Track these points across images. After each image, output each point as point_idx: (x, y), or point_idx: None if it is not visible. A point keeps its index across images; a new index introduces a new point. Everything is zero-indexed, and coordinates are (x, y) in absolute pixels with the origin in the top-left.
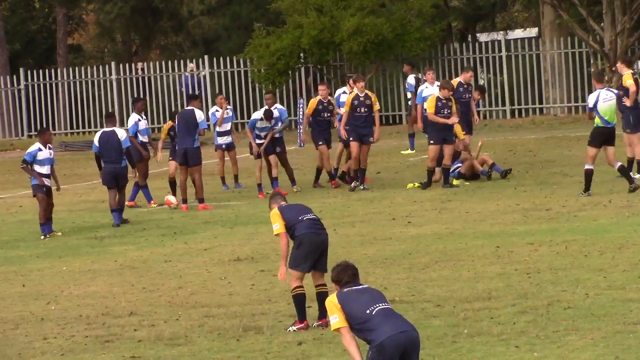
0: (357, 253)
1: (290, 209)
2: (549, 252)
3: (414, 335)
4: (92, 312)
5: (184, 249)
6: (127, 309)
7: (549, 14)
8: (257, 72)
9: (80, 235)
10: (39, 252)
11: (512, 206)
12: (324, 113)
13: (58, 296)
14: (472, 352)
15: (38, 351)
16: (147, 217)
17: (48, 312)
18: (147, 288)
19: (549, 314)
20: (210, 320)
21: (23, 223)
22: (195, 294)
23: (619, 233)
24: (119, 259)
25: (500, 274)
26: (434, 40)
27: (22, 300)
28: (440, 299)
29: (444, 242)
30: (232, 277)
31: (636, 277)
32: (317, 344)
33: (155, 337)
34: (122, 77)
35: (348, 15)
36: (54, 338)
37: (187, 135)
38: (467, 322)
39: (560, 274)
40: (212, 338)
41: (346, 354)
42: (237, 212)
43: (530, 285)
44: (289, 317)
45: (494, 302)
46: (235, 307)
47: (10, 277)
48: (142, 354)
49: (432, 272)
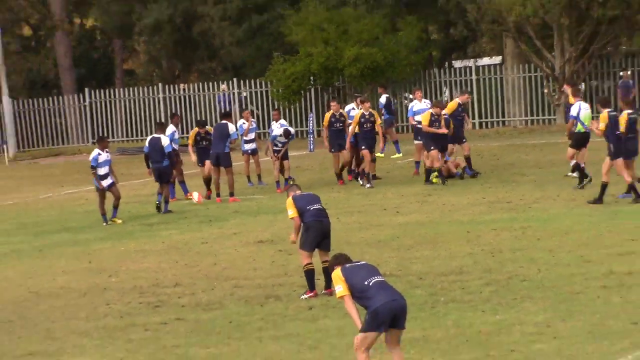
0: (355, 237)
1: (302, 198)
2: (509, 236)
3: (403, 303)
4: (144, 283)
5: (217, 233)
6: (173, 281)
7: (511, 45)
8: (275, 91)
9: (135, 222)
10: (101, 235)
11: (480, 199)
12: (336, 124)
13: (117, 270)
14: (447, 316)
15: (102, 314)
16: (187, 208)
17: (109, 283)
18: (188, 264)
19: (508, 285)
20: (239, 290)
21: (88, 213)
22: (227, 269)
23: (565, 221)
24: (165, 241)
25: (469, 253)
26: (418, 66)
27: (88, 274)
28: (421, 274)
29: (425, 228)
30: (256, 255)
31: (578, 256)
32: (323, 308)
33: (195, 303)
34: (167, 95)
35: (349, 46)
36: (114, 304)
37: (219, 142)
38: (443, 292)
39: (518, 253)
40: (240, 304)
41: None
42: (260, 204)
43: (493, 262)
44: (301, 287)
45: (464, 276)
46: (259, 280)
47: (79, 255)
48: (184, 317)
49: (416, 252)
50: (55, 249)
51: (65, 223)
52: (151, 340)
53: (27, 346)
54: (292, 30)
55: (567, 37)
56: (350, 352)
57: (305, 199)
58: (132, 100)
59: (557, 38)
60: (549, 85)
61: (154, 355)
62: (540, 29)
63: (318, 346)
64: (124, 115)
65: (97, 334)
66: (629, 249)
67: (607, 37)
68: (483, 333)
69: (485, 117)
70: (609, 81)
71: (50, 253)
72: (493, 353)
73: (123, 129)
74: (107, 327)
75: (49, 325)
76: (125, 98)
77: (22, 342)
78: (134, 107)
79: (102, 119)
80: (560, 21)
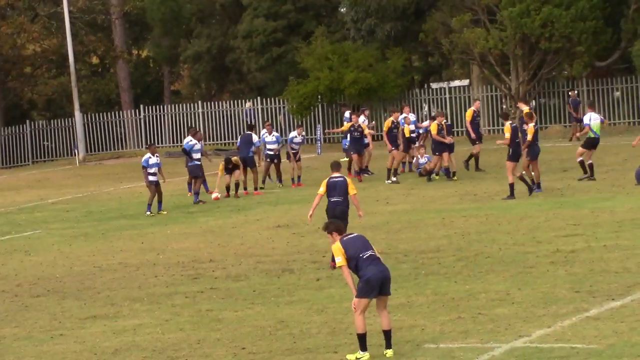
0: (353, 222)
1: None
2: (476, 221)
3: (388, 274)
4: (185, 259)
5: (244, 219)
6: (208, 258)
7: (476, 70)
8: (291, 107)
9: (178, 211)
10: (151, 221)
11: (453, 192)
12: (354, 132)
13: (164, 249)
14: (427, 285)
15: (151, 284)
16: (221, 200)
17: (158, 259)
18: (220, 244)
19: (475, 260)
20: (260, 264)
21: (142, 203)
22: (251, 248)
23: (520, 209)
24: (202, 226)
25: (445, 235)
26: (403, 87)
27: (141, 252)
28: (406, 251)
29: (409, 215)
30: (275, 237)
31: (531, 237)
32: (329, 280)
33: (225, 275)
34: (205, 110)
35: (348, 72)
36: (161, 276)
37: (245, 148)
38: (424, 266)
39: (483, 235)
40: (262, 276)
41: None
42: (278, 196)
43: (464, 242)
44: (312, 262)
45: (441, 253)
46: (277, 257)
47: (134, 237)
48: (217, 286)
49: (402, 234)
50: (115, 232)
51: (124, 211)
52: (190, 305)
53: (91, 310)
54: (304, 59)
55: (520, 64)
56: (350, 314)
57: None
58: (177, 114)
59: (512, 65)
60: (506, 102)
61: (193, 317)
62: (499, 58)
63: (324, 310)
64: (171, 126)
65: (147, 300)
66: (571, 231)
67: (552, 64)
68: (455, 299)
69: (457, 127)
70: (554, 99)
71: (111, 235)
72: (464, 315)
73: (170, 137)
74: (155, 294)
75: (109, 293)
76: (171, 113)
77: (87, 306)
78: (178, 120)
79: (153, 129)
80: (515, 52)
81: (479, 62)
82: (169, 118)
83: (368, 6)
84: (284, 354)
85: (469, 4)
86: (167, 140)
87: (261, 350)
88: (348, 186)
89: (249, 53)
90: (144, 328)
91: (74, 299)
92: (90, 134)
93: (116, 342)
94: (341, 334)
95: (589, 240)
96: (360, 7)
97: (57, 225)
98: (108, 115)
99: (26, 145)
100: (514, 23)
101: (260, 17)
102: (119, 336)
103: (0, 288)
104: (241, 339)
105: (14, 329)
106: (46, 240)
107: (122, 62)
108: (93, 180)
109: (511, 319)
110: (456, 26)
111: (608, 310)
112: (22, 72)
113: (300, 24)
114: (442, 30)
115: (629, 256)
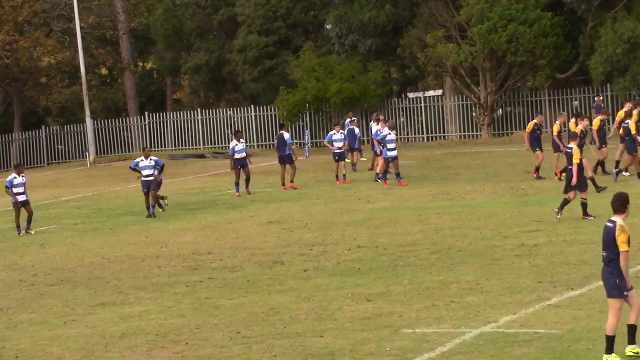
0: (338, 219)
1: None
2: (448, 218)
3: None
4: (186, 252)
5: (239, 216)
6: (206, 250)
7: (449, 81)
8: (282, 114)
9: (178, 208)
10: (155, 218)
11: (427, 192)
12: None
13: (167, 243)
14: (404, 275)
15: (155, 274)
16: (218, 199)
17: (161, 252)
18: (218, 238)
19: (448, 253)
20: (254, 257)
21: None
22: (245, 241)
23: (489, 207)
24: (201, 222)
25: (420, 230)
26: (382, 97)
27: (145, 245)
28: (385, 245)
29: (388, 212)
30: (267, 232)
31: (498, 232)
32: (315, 271)
33: (222, 266)
34: (204, 117)
35: (333, 83)
36: (164, 267)
37: (281, 147)
38: (401, 259)
39: (455, 230)
40: (255, 267)
41: (334, 275)
42: (270, 195)
43: (437, 237)
44: (300, 255)
45: (417, 247)
46: (268, 250)
47: (139, 232)
48: (215, 276)
49: (381, 230)
50: (122, 227)
51: (130, 208)
52: (190, 293)
53: (100, 298)
54: (293, 71)
55: (488, 76)
56: (334, 302)
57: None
58: (178, 120)
59: (481, 77)
60: (476, 110)
61: (193, 304)
62: (469, 70)
63: (311, 298)
64: (173, 131)
65: (151, 288)
66: (535, 227)
67: (517, 76)
68: (430, 288)
69: (430, 133)
70: (519, 107)
71: (119, 230)
72: (438, 303)
73: (172, 142)
74: (159, 283)
75: (117, 283)
76: (173, 119)
77: (96, 294)
78: (180, 126)
79: (157, 134)
80: (484, 65)
81: (451, 74)
82: (171, 124)
83: (351, 23)
84: (275, 338)
85: (442, 22)
86: (169, 144)
87: (254, 334)
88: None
89: (244, 65)
90: (148, 314)
91: (84, 288)
92: (100, 138)
93: (123, 327)
94: (327, 320)
95: (551, 235)
96: (344, 24)
97: (70, 221)
98: (116, 121)
99: (42, 149)
100: (482, 39)
101: (254, 33)
102: (125, 321)
103: (18, 277)
104: (236, 324)
105: (30, 315)
106: (60, 234)
107: (128, 73)
108: (102, 180)
109: (480, 306)
110: (430, 41)
111: (568, 299)
112: (38, 82)
113: (290, 39)
114: (418, 45)
115: (587, 250)
